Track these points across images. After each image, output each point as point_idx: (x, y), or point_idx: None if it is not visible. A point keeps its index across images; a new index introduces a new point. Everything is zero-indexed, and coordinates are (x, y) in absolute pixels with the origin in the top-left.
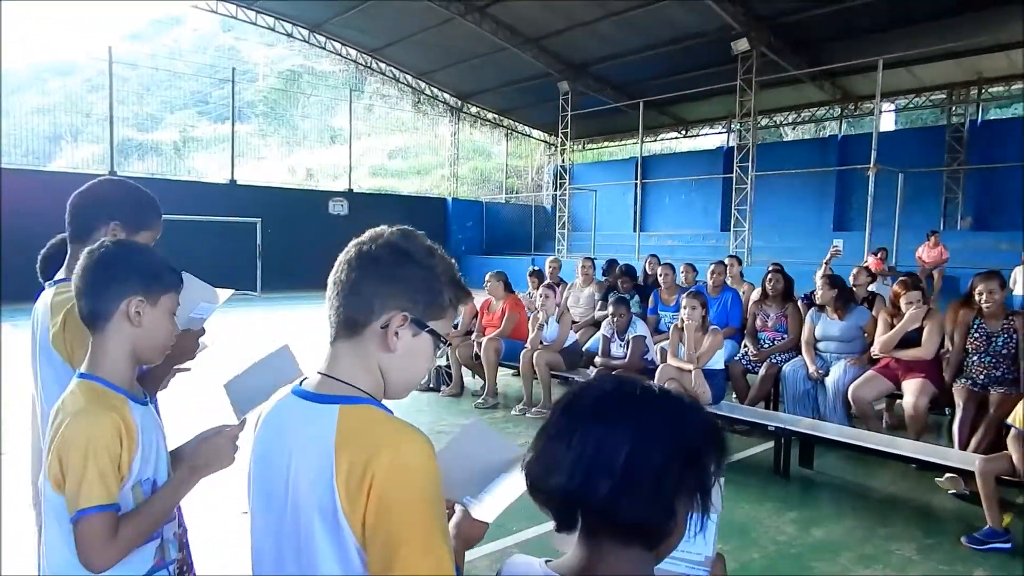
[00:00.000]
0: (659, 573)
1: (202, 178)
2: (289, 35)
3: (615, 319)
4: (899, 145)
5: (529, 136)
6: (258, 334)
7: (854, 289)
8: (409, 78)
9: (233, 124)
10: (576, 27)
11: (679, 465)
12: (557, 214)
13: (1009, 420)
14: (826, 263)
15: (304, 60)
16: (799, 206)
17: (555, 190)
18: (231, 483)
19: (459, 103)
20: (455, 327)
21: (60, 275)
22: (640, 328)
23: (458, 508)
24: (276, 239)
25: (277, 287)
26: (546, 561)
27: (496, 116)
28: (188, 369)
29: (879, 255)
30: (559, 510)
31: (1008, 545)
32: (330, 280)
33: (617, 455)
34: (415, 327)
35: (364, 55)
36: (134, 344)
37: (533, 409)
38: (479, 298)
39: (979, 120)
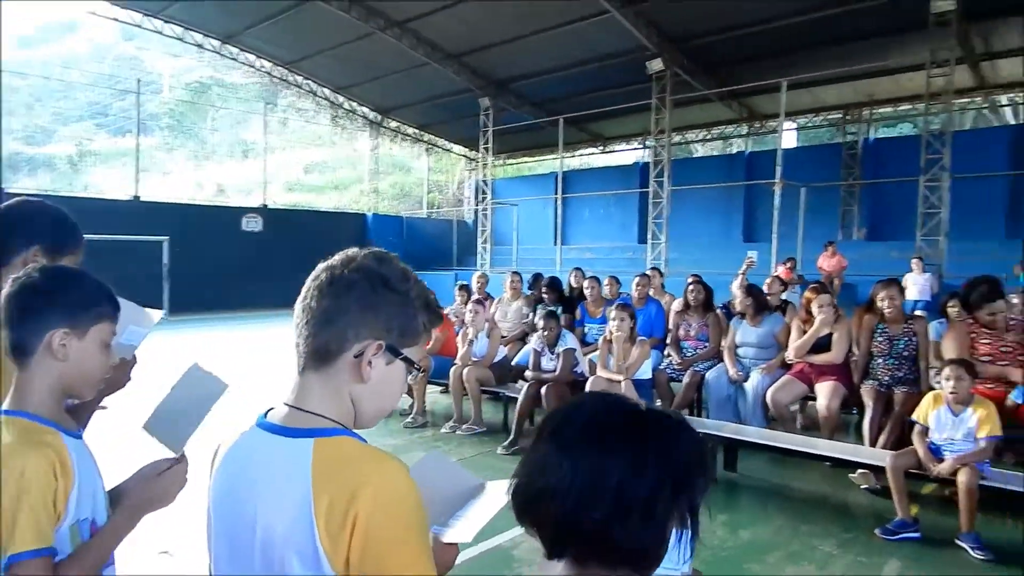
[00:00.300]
0: None
1: (102, 194)
2: (199, 46)
3: (545, 332)
4: (800, 161)
5: (450, 151)
6: (169, 360)
7: (768, 297)
8: (327, 92)
9: (138, 137)
10: (496, 45)
11: (671, 489)
12: (479, 228)
13: (913, 416)
14: (742, 273)
15: (213, 71)
16: (711, 219)
17: (477, 205)
18: (147, 520)
19: (378, 117)
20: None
21: None
22: (570, 341)
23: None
24: (185, 258)
25: (187, 308)
26: None
27: (416, 131)
28: (104, 408)
29: (788, 264)
30: (551, 537)
31: (918, 534)
32: (298, 307)
33: (610, 481)
34: (389, 355)
35: (279, 67)
36: (61, 379)
37: (464, 426)
38: None
39: (871, 138)
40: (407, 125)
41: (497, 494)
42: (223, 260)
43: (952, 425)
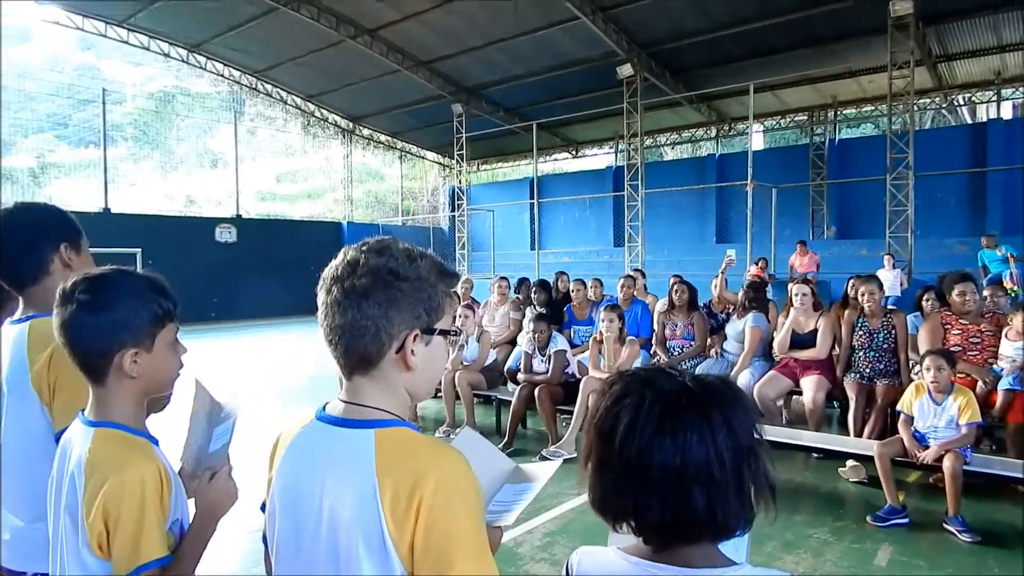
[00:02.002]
0: None
1: (71, 207)
2: (166, 55)
3: (536, 335)
4: (769, 163)
5: (423, 158)
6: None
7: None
8: (297, 100)
9: (105, 148)
10: (467, 51)
11: (752, 463)
12: (456, 234)
13: (899, 407)
14: (722, 272)
15: (177, 80)
16: (684, 221)
17: (452, 211)
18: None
19: (350, 125)
20: None
21: (22, 312)
22: (561, 343)
23: None
24: (159, 269)
25: None
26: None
27: (389, 138)
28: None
29: (759, 264)
30: (657, 538)
31: (906, 520)
32: (323, 325)
33: (703, 470)
34: (426, 336)
35: (248, 76)
36: (139, 390)
37: (457, 430)
38: None
39: (836, 139)
40: (379, 132)
41: (537, 478)
42: (197, 271)
43: (935, 414)
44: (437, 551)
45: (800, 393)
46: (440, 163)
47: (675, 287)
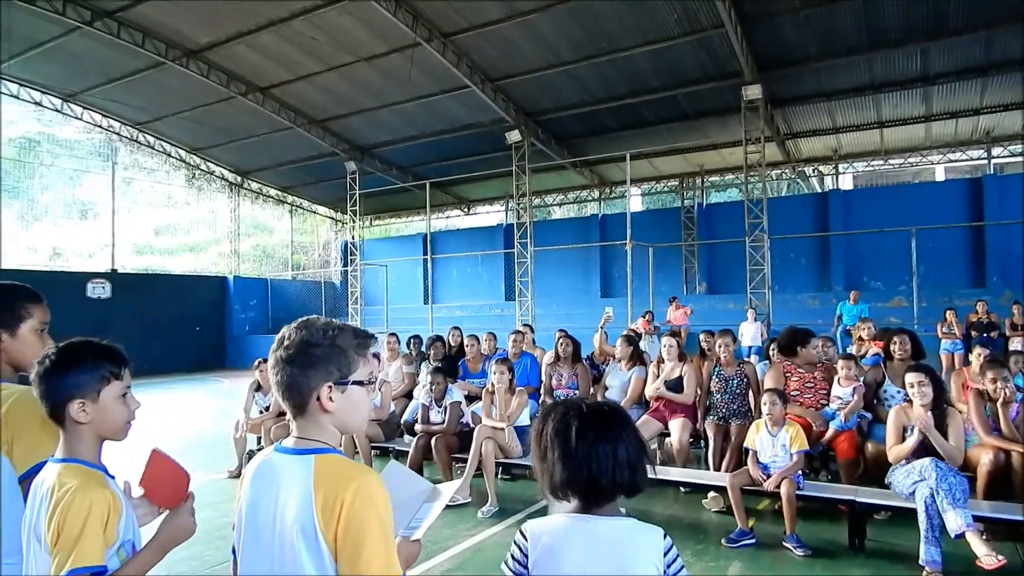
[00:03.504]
0: None
1: None
2: (37, 103)
3: (433, 387)
4: (647, 224)
5: (315, 212)
6: None
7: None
8: (181, 152)
9: None
10: (360, 112)
11: (645, 449)
12: (349, 289)
13: (745, 444)
14: (601, 327)
15: (43, 127)
16: (571, 276)
17: (345, 266)
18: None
19: (238, 179)
20: (267, 408)
21: None
22: (456, 394)
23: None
24: None
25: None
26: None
27: (279, 192)
28: None
29: (647, 317)
30: (596, 499)
31: (753, 540)
32: (271, 381)
33: (623, 456)
34: (341, 387)
35: (128, 127)
36: (92, 433)
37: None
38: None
39: (704, 204)
40: (269, 186)
41: (444, 496)
42: (67, 329)
43: (772, 444)
44: (353, 539)
45: (669, 435)
46: (332, 217)
47: (560, 341)
